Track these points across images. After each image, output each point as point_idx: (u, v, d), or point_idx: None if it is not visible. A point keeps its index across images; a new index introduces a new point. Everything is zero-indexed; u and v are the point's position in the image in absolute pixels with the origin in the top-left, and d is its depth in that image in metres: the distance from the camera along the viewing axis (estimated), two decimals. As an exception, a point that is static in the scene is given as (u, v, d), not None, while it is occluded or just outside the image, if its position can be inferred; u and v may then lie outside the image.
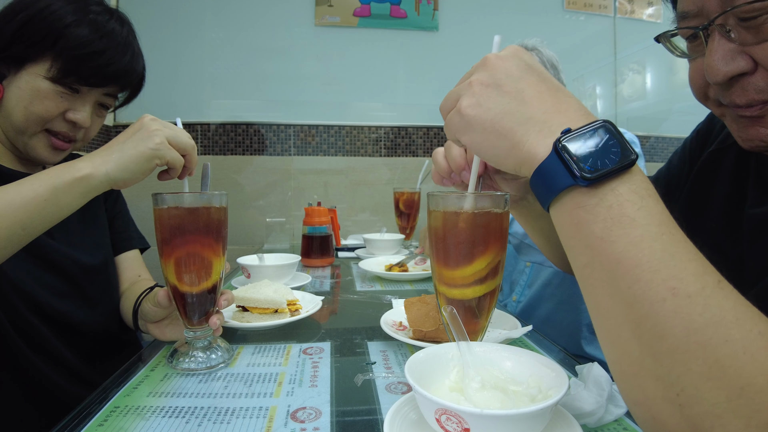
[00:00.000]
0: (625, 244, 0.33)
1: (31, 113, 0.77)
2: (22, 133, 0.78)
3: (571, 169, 0.35)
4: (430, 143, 2.29)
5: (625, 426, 0.47)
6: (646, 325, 0.32)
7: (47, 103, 0.77)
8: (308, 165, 2.22)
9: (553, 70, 1.36)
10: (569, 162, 0.35)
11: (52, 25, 0.75)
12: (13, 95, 0.77)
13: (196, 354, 0.62)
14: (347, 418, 0.49)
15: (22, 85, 0.76)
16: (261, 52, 2.18)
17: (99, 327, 0.88)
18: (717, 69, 0.47)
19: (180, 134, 0.67)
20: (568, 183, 0.36)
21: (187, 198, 0.61)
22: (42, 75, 0.76)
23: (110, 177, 0.62)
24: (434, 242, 0.54)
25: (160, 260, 0.62)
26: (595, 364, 0.51)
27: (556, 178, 0.36)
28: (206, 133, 2.16)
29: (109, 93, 0.84)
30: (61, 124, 0.80)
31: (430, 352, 0.45)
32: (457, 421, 0.35)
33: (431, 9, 2.23)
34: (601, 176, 0.35)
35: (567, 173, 0.36)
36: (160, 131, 0.64)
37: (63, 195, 0.61)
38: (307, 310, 0.82)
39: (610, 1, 2.37)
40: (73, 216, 0.80)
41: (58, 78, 0.77)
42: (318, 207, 1.45)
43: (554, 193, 0.37)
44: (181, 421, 0.48)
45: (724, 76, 0.47)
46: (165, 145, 0.64)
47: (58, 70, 0.76)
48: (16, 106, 0.77)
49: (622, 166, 0.35)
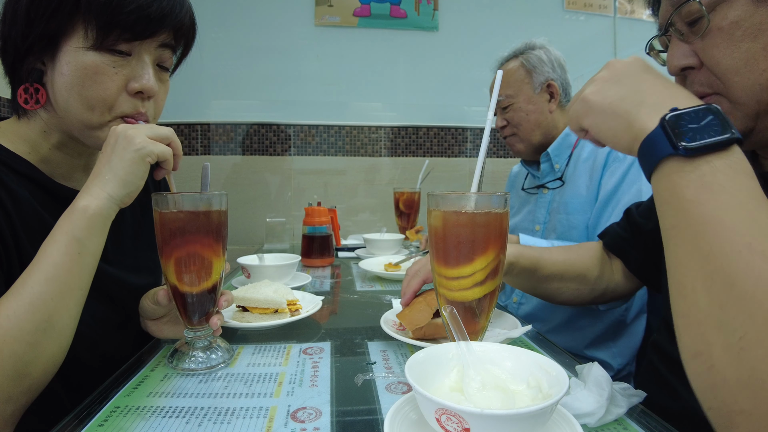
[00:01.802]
0: (712, 206, 0.37)
1: (89, 98, 0.64)
2: (91, 127, 0.66)
3: (672, 140, 0.40)
4: (430, 143, 2.29)
5: (626, 426, 0.47)
6: (718, 276, 0.36)
7: (101, 78, 0.64)
8: (308, 165, 2.22)
9: (560, 70, 1.36)
10: (671, 134, 0.40)
11: None
12: (62, 86, 0.64)
13: (196, 354, 0.62)
14: (347, 418, 0.49)
15: (64, 69, 0.63)
16: (261, 52, 2.18)
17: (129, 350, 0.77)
18: (671, 63, 0.57)
19: (155, 127, 0.64)
20: (668, 152, 0.40)
21: (187, 198, 0.61)
22: (81, 47, 0.63)
23: (114, 198, 0.60)
24: (434, 242, 0.54)
25: (160, 260, 0.62)
26: (595, 364, 0.51)
27: (659, 147, 0.41)
28: (206, 133, 2.16)
29: (164, 45, 0.70)
30: (127, 103, 0.67)
31: (430, 352, 0.45)
32: (457, 421, 0.35)
33: (431, 9, 2.23)
34: (699, 148, 0.39)
35: (668, 144, 0.40)
36: (138, 132, 0.61)
37: (88, 240, 0.58)
38: (307, 310, 0.82)
39: (610, 1, 2.37)
40: (127, 236, 0.80)
41: (99, 42, 0.63)
42: (318, 207, 1.45)
43: (656, 159, 0.42)
44: (182, 421, 0.48)
45: (675, 68, 0.57)
46: (149, 142, 0.61)
47: (96, 32, 0.62)
48: (69, 96, 0.64)
49: (719, 142, 0.39)
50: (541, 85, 1.35)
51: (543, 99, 1.36)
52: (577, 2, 2.33)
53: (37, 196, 0.66)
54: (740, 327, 0.34)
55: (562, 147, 1.35)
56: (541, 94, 1.35)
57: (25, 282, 0.55)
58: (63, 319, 0.57)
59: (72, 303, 0.58)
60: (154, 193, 0.61)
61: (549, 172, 1.39)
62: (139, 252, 0.84)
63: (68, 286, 0.57)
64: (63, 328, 0.57)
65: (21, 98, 0.65)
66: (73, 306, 0.58)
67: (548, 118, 1.36)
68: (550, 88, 1.35)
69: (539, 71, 1.34)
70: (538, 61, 1.34)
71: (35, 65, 0.65)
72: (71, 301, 0.58)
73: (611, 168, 1.24)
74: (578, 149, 1.34)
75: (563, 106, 1.37)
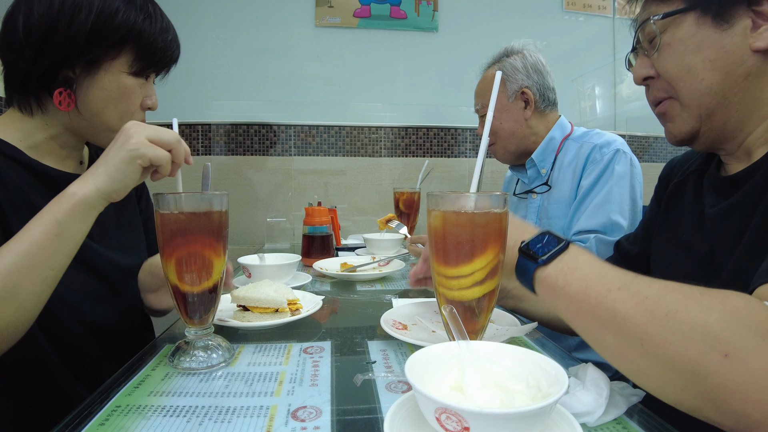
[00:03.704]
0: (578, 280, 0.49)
1: (124, 111, 0.79)
2: (112, 131, 0.75)
3: (533, 258, 0.53)
4: (429, 143, 2.29)
5: (625, 425, 0.48)
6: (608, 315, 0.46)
7: (132, 96, 0.80)
8: (308, 165, 2.22)
9: (537, 75, 1.36)
10: (529, 256, 0.54)
11: (124, 23, 0.75)
12: (98, 97, 0.76)
13: (197, 353, 0.62)
14: (347, 417, 0.49)
15: (107, 85, 0.76)
16: (261, 53, 2.18)
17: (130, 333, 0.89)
18: (635, 74, 0.72)
19: (161, 131, 0.66)
20: (534, 266, 0.53)
21: (187, 198, 0.61)
22: (124, 71, 0.77)
23: (101, 191, 0.63)
24: (434, 242, 0.54)
25: (161, 259, 0.62)
26: (590, 364, 0.52)
27: (527, 266, 0.54)
28: (207, 133, 2.16)
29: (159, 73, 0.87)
30: (139, 114, 0.83)
31: (430, 352, 0.46)
32: (457, 420, 0.36)
33: (431, 10, 2.24)
34: (551, 255, 0.52)
35: (532, 262, 0.53)
36: (139, 132, 0.65)
37: (69, 224, 0.62)
38: (307, 309, 0.82)
39: (609, 2, 2.37)
40: (110, 219, 0.87)
41: (139, 72, 0.79)
42: (318, 207, 1.45)
43: (530, 275, 0.53)
44: (182, 420, 0.48)
45: (638, 77, 0.71)
46: (144, 144, 0.64)
47: (141, 65, 0.78)
48: (105, 107, 0.77)
49: (560, 247, 0.52)
50: (515, 93, 1.35)
51: (517, 107, 1.37)
52: (577, 3, 2.34)
53: (23, 177, 0.74)
54: (636, 336, 0.44)
55: (546, 152, 1.36)
56: (515, 102, 1.36)
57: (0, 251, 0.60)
58: (26, 293, 0.60)
59: (39, 279, 0.61)
60: (154, 194, 0.62)
61: (536, 177, 1.40)
62: (123, 234, 0.91)
63: (38, 262, 0.60)
64: (24, 302, 0.61)
65: (56, 100, 0.74)
66: (40, 283, 0.61)
67: (523, 125, 1.37)
68: (525, 95, 1.35)
69: (512, 79, 1.35)
70: (512, 69, 1.35)
71: (69, 74, 0.75)
72: (38, 277, 0.61)
73: (588, 170, 1.26)
74: (562, 153, 1.36)
75: (542, 111, 1.38)
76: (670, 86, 0.66)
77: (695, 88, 0.63)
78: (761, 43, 0.59)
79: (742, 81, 0.61)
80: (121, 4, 0.75)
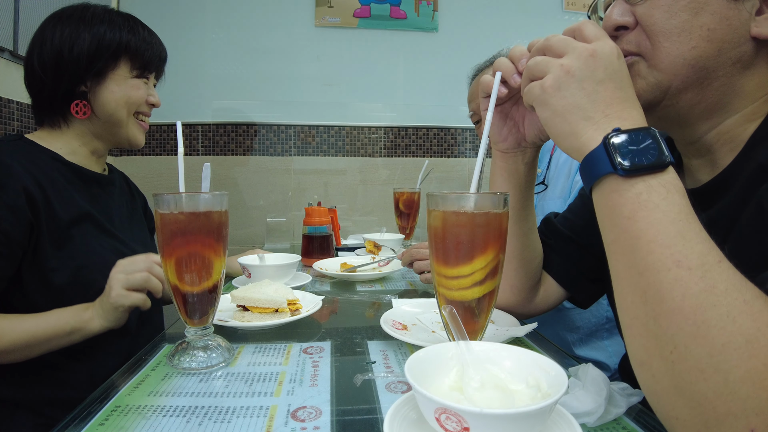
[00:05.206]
0: (646, 223, 0.40)
1: (132, 102, 0.98)
2: (121, 125, 0.99)
3: (612, 160, 0.42)
4: (429, 143, 2.29)
5: (624, 425, 0.48)
6: (650, 291, 0.38)
7: (140, 91, 0.99)
8: (308, 165, 2.22)
9: None
10: (612, 154, 0.42)
11: (113, 40, 0.94)
12: (110, 99, 0.96)
13: (197, 353, 0.62)
14: (347, 417, 0.49)
15: (114, 88, 0.96)
16: (261, 53, 2.18)
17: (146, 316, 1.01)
18: (608, 19, 0.58)
19: (132, 276, 0.81)
20: (607, 170, 0.43)
21: (187, 198, 0.61)
22: (127, 76, 0.98)
23: (105, 327, 0.82)
24: (434, 242, 0.54)
25: (161, 260, 0.62)
26: (590, 365, 0.52)
27: (600, 165, 0.44)
28: (207, 133, 2.16)
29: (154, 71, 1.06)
30: (144, 107, 1.02)
31: (430, 352, 0.46)
32: (456, 420, 0.36)
33: (431, 10, 2.24)
34: (636, 170, 0.41)
35: (608, 163, 0.43)
36: (117, 282, 0.80)
37: (75, 335, 0.82)
38: (307, 309, 0.82)
39: (609, 2, 2.37)
40: (124, 215, 1.08)
41: (138, 74, 0.99)
42: (318, 207, 1.45)
43: (596, 177, 0.44)
44: (182, 420, 0.48)
45: (611, 24, 0.57)
46: (122, 294, 0.80)
47: (138, 69, 0.99)
48: (117, 105, 0.96)
49: (655, 164, 0.41)
50: None
51: None
52: (577, 3, 2.34)
53: (67, 177, 0.94)
54: (671, 340, 0.37)
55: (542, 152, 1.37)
56: None
57: (16, 317, 0.81)
58: (20, 357, 0.81)
59: (33, 354, 0.81)
60: (154, 194, 0.62)
61: None
62: (135, 232, 1.10)
63: (49, 336, 0.81)
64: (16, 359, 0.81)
65: (73, 110, 0.94)
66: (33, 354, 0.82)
67: None
68: None
69: None
70: None
71: (82, 88, 0.94)
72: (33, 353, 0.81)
73: None
74: (557, 153, 1.37)
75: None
76: (647, 42, 0.55)
77: (680, 53, 0.53)
78: (761, 29, 0.52)
79: (730, 65, 0.53)
80: (107, 28, 0.94)
